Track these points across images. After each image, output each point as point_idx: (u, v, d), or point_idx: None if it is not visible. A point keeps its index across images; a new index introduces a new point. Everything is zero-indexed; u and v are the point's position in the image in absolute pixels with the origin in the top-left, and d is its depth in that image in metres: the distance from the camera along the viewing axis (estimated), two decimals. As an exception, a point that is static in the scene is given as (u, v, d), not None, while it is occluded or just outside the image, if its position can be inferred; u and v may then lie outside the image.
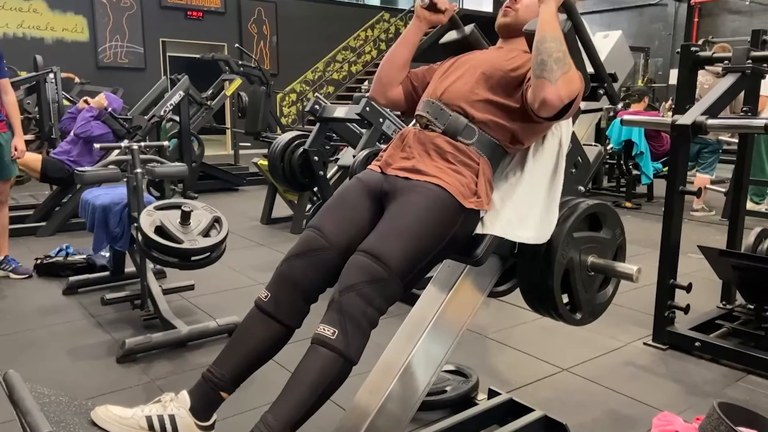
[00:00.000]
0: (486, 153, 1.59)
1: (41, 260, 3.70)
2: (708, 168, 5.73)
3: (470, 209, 1.53)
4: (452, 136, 1.59)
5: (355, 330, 1.38)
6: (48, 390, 1.45)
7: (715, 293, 3.06)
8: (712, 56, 2.72)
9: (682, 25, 11.97)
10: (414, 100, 1.80)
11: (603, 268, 1.69)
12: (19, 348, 2.67)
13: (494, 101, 1.60)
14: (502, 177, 1.67)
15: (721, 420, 1.75)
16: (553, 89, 1.44)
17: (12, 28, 9.54)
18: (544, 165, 1.66)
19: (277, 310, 1.51)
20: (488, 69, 1.63)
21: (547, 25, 1.50)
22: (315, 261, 1.52)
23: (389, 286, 1.43)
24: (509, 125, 1.60)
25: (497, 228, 1.57)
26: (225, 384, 1.49)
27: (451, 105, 1.62)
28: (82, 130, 4.79)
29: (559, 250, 1.60)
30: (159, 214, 2.56)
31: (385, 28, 13.45)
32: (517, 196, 1.61)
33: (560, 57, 1.46)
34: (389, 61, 1.81)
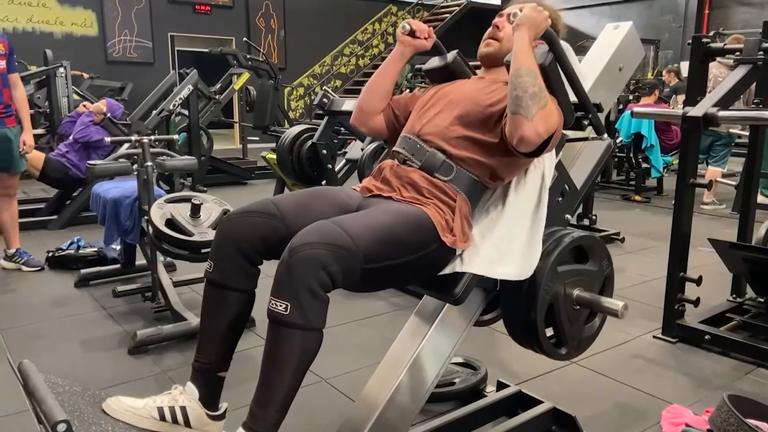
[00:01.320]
0: (464, 190, 1.56)
1: (53, 253, 3.74)
2: (720, 161, 5.69)
3: (444, 243, 1.48)
4: (429, 172, 1.56)
5: (309, 298, 1.27)
6: (61, 380, 1.46)
7: (725, 286, 3.04)
8: (723, 47, 2.70)
9: (693, 16, 11.85)
10: (396, 129, 1.77)
11: (588, 303, 1.63)
12: (32, 339, 2.70)
13: (472, 138, 1.56)
14: (483, 211, 1.63)
15: (731, 412, 1.74)
16: (530, 126, 1.41)
17: (21, 22, 9.59)
18: (526, 199, 1.61)
19: (224, 278, 1.46)
20: (466, 104, 1.60)
21: (522, 56, 1.46)
22: (258, 222, 1.46)
23: (351, 258, 1.31)
24: (488, 161, 1.56)
25: (476, 265, 1.52)
26: (217, 366, 1.49)
27: (429, 141, 1.59)
28: (81, 135, 4.77)
29: (542, 284, 1.55)
30: (169, 207, 2.58)
31: (392, 22, 13.41)
32: (497, 231, 1.57)
33: (536, 92, 1.42)
34: (370, 89, 1.77)
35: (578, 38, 10.85)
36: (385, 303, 3.13)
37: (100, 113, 4.81)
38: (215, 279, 1.48)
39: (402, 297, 3.12)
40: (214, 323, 1.50)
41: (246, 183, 7.10)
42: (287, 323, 1.28)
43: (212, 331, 1.50)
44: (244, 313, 1.51)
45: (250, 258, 1.46)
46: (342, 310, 2.94)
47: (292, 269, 1.27)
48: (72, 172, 4.76)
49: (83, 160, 4.75)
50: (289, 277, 1.27)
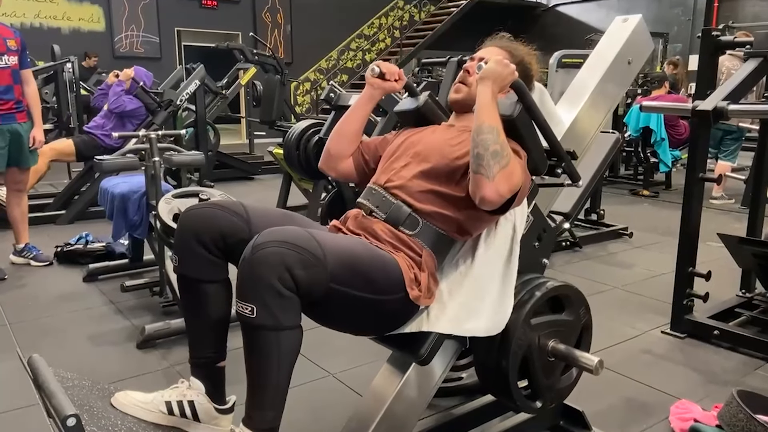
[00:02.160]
0: (429, 245, 1.50)
1: (61, 248, 3.76)
2: (730, 155, 5.65)
3: (409, 297, 1.42)
4: (394, 225, 1.50)
5: (275, 298, 1.21)
6: (71, 374, 1.47)
7: (734, 281, 3.02)
8: (734, 41, 2.68)
9: (702, 10, 11.76)
10: (365, 173, 1.73)
11: (564, 356, 1.59)
12: (41, 334, 2.72)
13: (438, 191, 1.51)
14: (452, 265, 1.57)
15: (740, 408, 1.74)
16: (492, 186, 1.37)
17: (29, 18, 9.61)
18: (497, 252, 1.56)
19: (191, 272, 1.43)
20: (433, 156, 1.55)
21: (484, 112, 1.42)
22: (220, 216, 1.42)
23: (318, 268, 1.25)
24: (454, 215, 1.51)
25: (443, 323, 1.47)
26: (213, 358, 1.48)
27: (394, 194, 1.54)
28: (116, 105, 4.86)
29: (515, 339, 1.51)
30: (177, 201, 2.58)
31: (399, 16, 13.36)
32: (466, 287, 1.52)
33: (497, 150, 1.38)
34: (339, 133, 1.73)
35: (586, 32, 10.80)
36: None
37: (128, 79, 4.86)
38: (184, 273, 1.45)
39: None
40: (196, 318, 1.48)
41: (253, 178, 7.12)
42: (257, 326, 1.23)
43: (198, 326, 1.49)
44: (224, 301, 1.47)
45: (211, 250, 1.42)
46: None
47: (255, 267, 1.21)
48: (105, 143, 4.83)
49: (119, 130, 4.84)
50: (251, 276, 1.21)
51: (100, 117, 5.03)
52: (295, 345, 1.29)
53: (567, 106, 2.03)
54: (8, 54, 3.39)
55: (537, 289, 1.58)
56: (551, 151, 1.60)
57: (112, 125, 4.89)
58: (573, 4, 13.91)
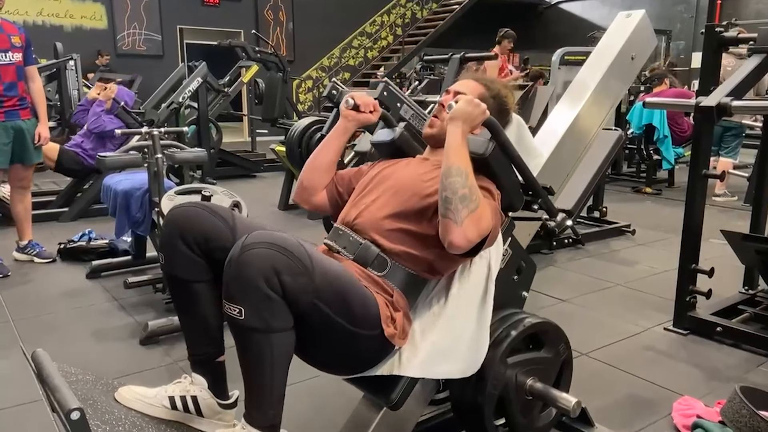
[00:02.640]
0: (400, 285, 1.46)
1: (64, 245, 3.77)
2: (731, 152, 5.64)
3: (383, 334, 1.39)
4: (362, 265, 1.46)
5: (261, 300, 1.18)
6: (75, 369, 1.48)
7: (737, 278, 3.02)
8: (737, 37, 2.67)
9: (705, 7, 11.72)
10: (339, 206, 1.68)
11: (541, 395, 1.56)
12: (45, 330, 2.73)
13: (408, 230, 1.47)
14: (425, 305, 1.53)
15: (743, 404, 1.73)
16: (460, 231, 1.34)
17: (32, 15, 9.62)
18: (471, 292, 1.52)
19: (178, 271, 1.41)
20: (404, 194, 1.51)
21: (453, 155, 1.39)
22: (206, 218, 1.40)
23: (305, 278, 1.22)
24: (425, 255, 1.47)
25: (414, 367, 1.43)
26: (211, 353, 1.47)
27: (362, 233, 1.49)
28: (95, 125, 4.75)
29: (491, 378, 1.48)
30: (180, 198, 2.59)
31: (401, 14, 13.34)
32: (439, 328, 1.48)
33: (466, 194, 1.35)
34: (312, 165, 1.70)
35: (589, 29, 10.78)
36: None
37: (109, 99, 4.78)
38: (170, 272, 1.44)
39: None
40: (189, 316, 1.47)
41: (255, 176, 7.12)
42: (246, 328, 1.22)
43: (191, 324, 1.47)
44: (215, 299, 1.42)
45: (194, 250, 1.40)
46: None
47: (242, 267, 1.19)
48: (87, 162, 4.77)
49: (98, 150, 4.75)
50: (238, 277, 1.19)
51: (79, 135, 4.90)
52: (287, 347, 1.27)
53: (570, 102, 2.03)
54: (13, 51, 3.40)
55: (514, 327, 1.55)
56: (527, 187, 1.58)
57: (91, 145, 4.77)
58: (576, 1, 13.88)
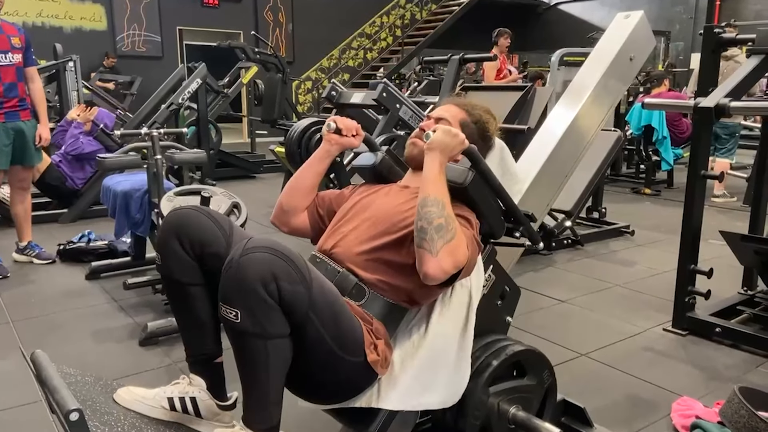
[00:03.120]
0: (379, 315, 1.44)
1: (64, 246, 3.77)
2: (727, 152, 5.65)
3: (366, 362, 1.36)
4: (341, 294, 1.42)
5: (259, 305, 1.18)
6: (74, 370, 1.48)
7: (736, 279, 3.02)
8: (735, 38, 2.68)
9: (704, 8, 11.73)
10: (320, 228, 1.67)
11: (524, 425, 1.53)
12: (44, 331, 2.73)
13: (386, 260, 1.46)
14: (405, 334, 1.51)
15: (742, 404, 1.73)
16: (435, 262, 1.32)
17: (31, 17, 9.62)
18: (451, 322, 1.50)
19: (173, 273, 1.40)
20: (382, 223, 1.50)
21: (430, 185, 1.38)
22: (206, 224, 1.39)
23: (302, 287, 1.21)
24: (404, 285, 1.45)
25: (393, 400, 1.40)
26: (209, 355, 1.47)
27: (340, 262, 1.48)
28: (72, 148, 4.67)
29: (472, 407, 1.46)
30: (179, 199, 2.59)
31: (400, 15, 13.35)
32: (419, 360, 1.45)
33: (441, 224, 1.33)
34: (293, 187, 1.68)
35: (588, 30, 10.79)
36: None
37: (88, 122, 4.71)
38: (166, 274, 1.43)
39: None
40: (185, 317, 1.47)
41: (254, 176, 7.12)
42: (240, 332, 1.21)
43: (188, 326, 1.47)
44: (211, 300, 1.42)
45: (188, 252, 1.40)
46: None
47: (241, 270, 1.18)
48: (68, 183, 4.73)
49: (76, 172, 4.71)
50: (236, 279, 1.18)
51: (56, 155, 4.78)
52: (285, 354, 1.25)
53: (569, 102, 2.03)
54: (13, 52, 3.40)
55: (496, 356, 1.53)
56: (508, 214, 1.57)
57: (69, 168, 4.71)
58: (575, 2, 13.90)
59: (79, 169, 4.74)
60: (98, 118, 4.81)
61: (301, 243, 1.65)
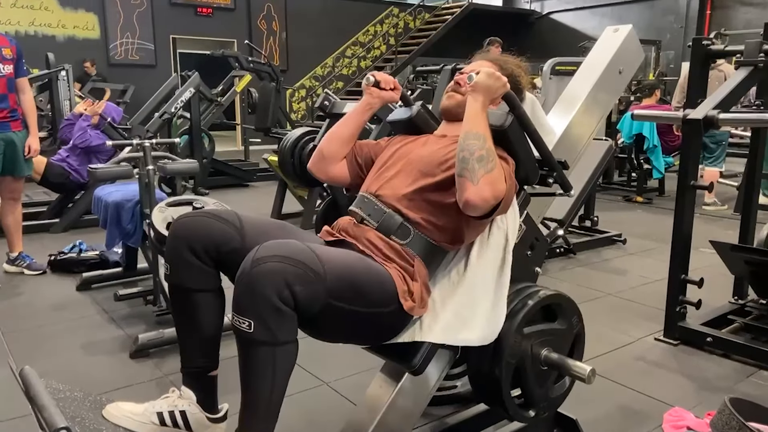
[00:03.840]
0: (421, 254, 1.50)
1: (55, 256, 3.75)
2: (716, 161, 5.69)
3: (402, 308, 1.42)
4: (386, 234, 1.51)
5: (272, 313, 1.20)
6: (63, 386, 1.47)
7: (727, 288, 3.04)
8: (723, 50, 2.70)
9: (695, 17, 11.84)
10: (358, 176, 1.73)
11: (556, 365, 1.59)
12: (34, 343, 2.71)
13: (429, 200, 1.53)
14: (445, 274, 1.58)
15: (733, 415, 1.74)
16: (475, 190, 1.38)
17: (24, 25, 9.61)
18: (489, 262, 1.56)
19: (184, 281, 1.42)
20: (424, 166, 1.56)
21: (472, 121, 1.45)
22: (214, 225, 1.42)
23: (317, 284, 1.25)
24: (447, 224, 1.52)
25: (435, 333, 1.47)
26: (205, 368, 1.48)
27: (386, 203, 1.54)
28: (81, 140, 4.71)
29: (507, 347, 1.51)
30: (171, 210, 2.58)
31: (394, 23, 13.42)
32: (459, 297, 1.52)
33: (483, 155, 1.40)
34: (333, 136, 1.74)
35: (580, 39, 10.85)
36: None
37: (96, 115, 4.76)
38: (175, 282, 1.44)
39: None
40: (188, 327, 1.47)
41: (248, 185, 7.11)
42: (254, 341, 1.23)
43: (190, 335, 1.47)
44: (217, 310, 1.47)
45: (202, 259, 1.41)
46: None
47: (254, 282, 1.20)
48: (73, 177, 4.74)
49: (84, 165, 4.71)
50: (250, 291, 1.20)
51: (64, 150, 4.85)
52: (290, 360, 1.29)
53: (560, 113, 2.05)
54: (3, 63, 3.40)
55: (530, 298, 1.58)
56: (543, 161, 1.61)
57: (78, 161, 4.74)
58: (567, 11, 13.99)
59: (86, 162, 4.72)
60: (106, 112, 4.84)
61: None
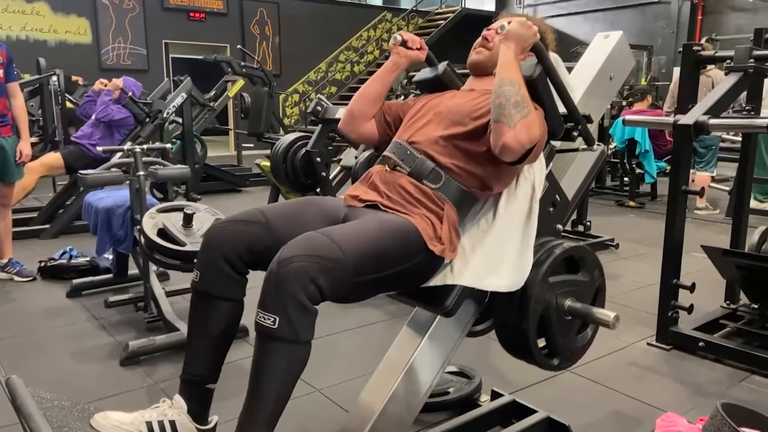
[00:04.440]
0: (452, 199, 1.56)
1: (45, 263, 3.72)
2: (707, 166, 5.71)
3: (432, 252, 1.48)
4: (418, 179, 1.56)
5: (298, 311, 1.26)
6: (50, 395, 1.45)
7: (718, 293, 3.04)
8: (714, 56, 2.72)
9: (686, 22, 11.92)
10: (387, 135, 1.78)
11: (580, 313, 1.63)
12: (23, 350, 2.68)
13: (460, 147, 1.58)
14: (474, 222, 1.63)
15: (725, 421, 1.74)
16: (512, 134, 1.43)
17: (15, 30, 9.57)
18: (517, 211, 1.62)
19: (211, 288, 1.45)
20: (455, 115, 1.62)
21: (506, 68, 1.49)
22: (244, 230, 1.46)
23: (338, 269, 1.30)
24: (477, 171, 1.57)
25: (466, 277, 1.52)
26: (206, 378, 1.48)
27: (419, 149, 1.60)
28: (103, 114, 4.81)
29: (533, 296, 1.55)
30: (161, 216, 2.57)
31: (387, 28, 13.45)
32: (488, 243, 1.57)
33: (518, 101, 1.44)
34: (362, 95, 1.79)
35: (571, 44, 10.89)
36: (379, 312, 3.12)
37: (117, 89, 4.83)
38: (202, 289, 1.47)
39: (396, 305, 3.11)
40: (202, 334, 1.49)
41: (240, 190, 7.10)
42: (276, 337, 1.27)
43: (201, 343, 1.49)
44: (233, 323, 1.51)
45: (236, 267, 1.45)
46: (336, 319, 2.93)
47: (281, 282, 1.25)
48: (94, 153, 4.71)
49: (106, 139, 4.81)
50: (277, 290, 1.25)
51: (87, 126, 4.97)
52: (303, 361, 1.33)
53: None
54: (-7, 67, 3.38)
55: (554, 249, 1.62)
56: (567, 114, 1.65)
57: (100, 135, 4.84)
58: (559, 16, 14.05)
59: (108, 137, 4.83)
60: (126, 86, 4.90)
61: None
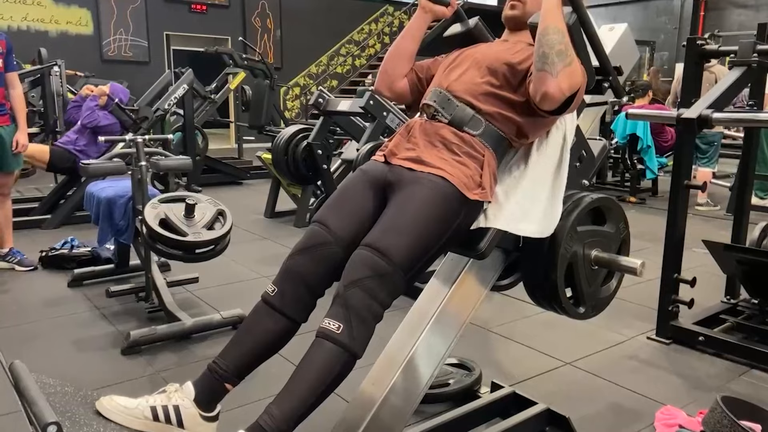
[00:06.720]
0: (491, 145, 1.59)
1: (46, 252, 3.72)
2: (709, 161, 5.72)
3: (474, 201, 1.53)
4: (458, 127, 1.59)
5: (360, 324, 1.38)
6: (53, 380, 1.46)
7: (719, 288, 3.05)
8: (718, 50, 2.71)
9: (689, 18, 11.90)
10: (420, 92, 1.80)
11: (607, 262, 1.68)
12: (25, 339, 2.69)
13: (499, 95, 1.60)
14: (507, 170, 1.67)
15: (725, 414, 1.75)
16: (555, 82, 1.44)
17: (16, 20, 9.54)
18: (548, 159, 1.65)
19: (283, 304, 1.51)
20: (493, 63, 1.63)
21: (550, 16, 1.48)
22: (319, 256, 1.53)
23: (393, 280, 1.43)
24: (515, 118, 1.60)
25: (501, 221, 1.57)
26: (230, 376, 1.50)
27: (458, 96, 1.62)
28: (89, 120, 4.76)
29: (562, 243, 1.59)
30: (163, 206, 2.57)
31: (389, 22, 13.40)
32: (521, 190, 1.61)
33: (562, 50, 1.45)
34: (394, 53, 1.81)
35: (574, 39, 10.89)
36: (379, 303, 3.12)
37: (104, 95, 4.79)
38: (273, 303, 1.52)
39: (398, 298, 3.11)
40: (253, 336, 1.53)
41: (241, 183, 7.09)
42: (335, 340, 1.37)
43: (247, 343, 1.53)
44: (284, 340, 1.55)
45: (314, 291, 1.53)
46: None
47: (348, 303, 1.39)
48: (79, 159, 4.69)
49: (91, 146, 4.75)
50: (345, 308, 1.39)
51: (72, 132, 4.89)
52: (346, 373, 1.41)
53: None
54: (-7, 57, 3.37)
55: (582, 200, 1.66)
56: (598, 67, 1.65)
57: (85, 141, 4.76)
58: (561, 11, 14.04)
59: (93, 143, 4.76)
60: (113, 92, 4.86)
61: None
